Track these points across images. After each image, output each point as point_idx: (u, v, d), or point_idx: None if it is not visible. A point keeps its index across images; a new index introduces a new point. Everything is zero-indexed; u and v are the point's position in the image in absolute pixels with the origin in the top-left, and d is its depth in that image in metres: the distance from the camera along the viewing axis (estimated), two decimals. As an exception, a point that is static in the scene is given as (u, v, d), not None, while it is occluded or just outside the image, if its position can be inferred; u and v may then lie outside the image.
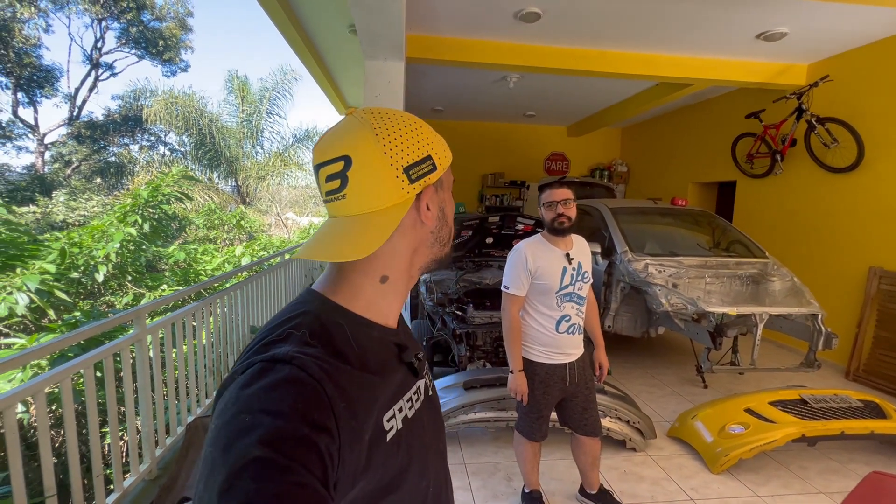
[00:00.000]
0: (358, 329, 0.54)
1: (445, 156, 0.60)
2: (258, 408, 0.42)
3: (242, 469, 0.38)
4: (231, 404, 0.43)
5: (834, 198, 4.34)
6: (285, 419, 0.41)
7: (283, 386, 0.43)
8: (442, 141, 0.60)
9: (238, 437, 0.40)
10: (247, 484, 0.37)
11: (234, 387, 0.45)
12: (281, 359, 0.46)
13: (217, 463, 0.40)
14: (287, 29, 3.99)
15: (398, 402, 0.56)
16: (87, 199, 12.57)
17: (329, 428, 0.43)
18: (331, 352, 0.49)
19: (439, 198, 0.60)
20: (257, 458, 0.38)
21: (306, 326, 0.51)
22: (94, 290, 4.72)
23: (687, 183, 6.54)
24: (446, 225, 0.62)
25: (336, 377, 0.47)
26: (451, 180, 0.63)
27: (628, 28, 3.86)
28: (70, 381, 1.76)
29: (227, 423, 0.42)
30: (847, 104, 4.18)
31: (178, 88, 12.70)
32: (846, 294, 4.17)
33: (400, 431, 0.54)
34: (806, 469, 2.57)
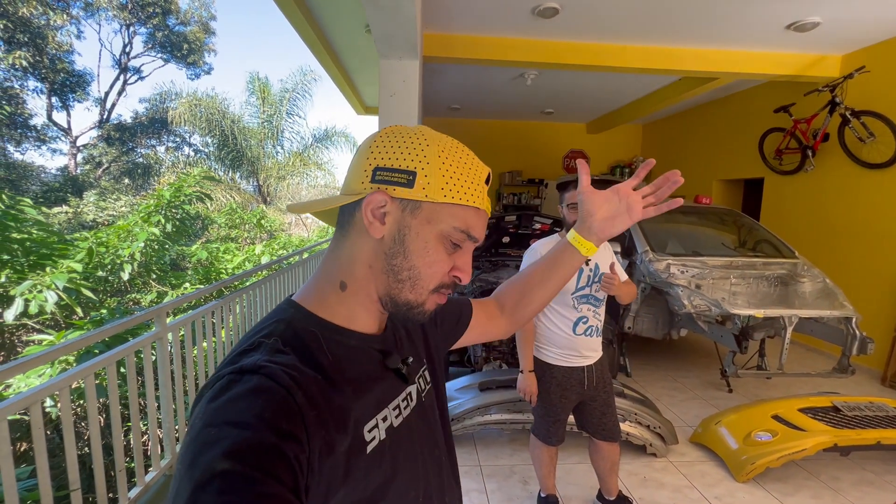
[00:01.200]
0: (332, 337, 0.53)
1: (441, 187, 0.52)
2: (223, 420, 0.41)
3: (207, 483, 0.37)
4: (198, 419, 0.42)
5: (869, 195, 4.13)
6: (251, 429, 0.40)
7: (250, 396, 0.43)
8: (455, 175, 0.53)
9: (203, 451, 0.39)
10: (211, 498, 0.37)
11: (202, 401, 0.44)
12: (248, 369, 0.45)
13: (183, 479, 0.39)
14: (304, 30, 4.03)
15: (382, 412, 0.54)
16: (116, 199, 13.01)
17: (297, 436, 0.42)
18: (303, 360, 0.49)
19: (404, 219, 0.53)
20: (223, 471, 0.38)
21: (278, 335, 0.50)
22: (121, 287, 4.87)
23: (711, 180, 6.34)
24: (403, 256, 0.53)
25: (306, 386, 0.46)
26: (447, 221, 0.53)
27: (650, 21, 3.75)
28: (94, 378, 1.81)
29: (194, 439, 0.41)
30: (884, 96, 3.97)
31: (201, 91, 13.06)
32: (882, 296, 3.97)
33: (383, 442, 0.53)
34: (838, 480, 2.46)
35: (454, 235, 0.54)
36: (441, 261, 0.54)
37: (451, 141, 0.56)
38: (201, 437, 0.41)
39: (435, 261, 0.54)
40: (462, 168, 0.54)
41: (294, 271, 4.49)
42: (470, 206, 0.54)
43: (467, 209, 0.54)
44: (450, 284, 0.55)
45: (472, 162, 0.56)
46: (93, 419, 1.80)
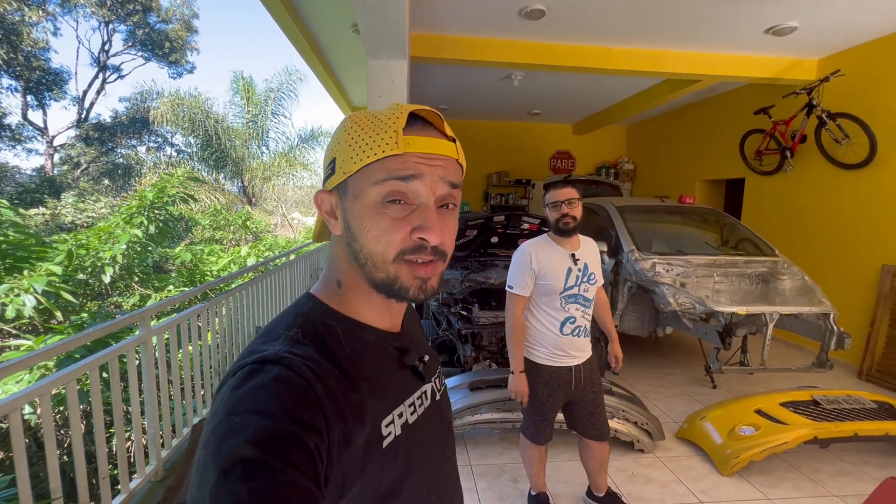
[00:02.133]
0: (350, 332, 0.54)
1: (351, 156, 0.51)
2: (246, 408, 0.42)
3: (232, 469, 0.38)
4: (221, 406, 0.43)
5: (845, 195, 4.26)
6: (274, 419, 0.41)
7: (272, 386, 0.44)
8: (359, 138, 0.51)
9: (227, 438, 0.40)
10: (236, 485, 0.38)
11: (225, 389, 0.45)
12: (270, 359, 0.46)
13: (208, 464, 0.40)
14: (290, 29, 3.99)
15: (398, 408, 0.55)
16: (96, 201, 12.69)
17: (318, 427, 0.43)
18: (321, 353, 0.49)
19: (343, 206, 0.53)
20: (247, 458, 0.39)
21: (298, 327, 0.52)
22: (102, 291, 4.76)
23: (694, 180, 6.47)
24: (354, 239, 0.52)
25: (325, 378, 0.47)
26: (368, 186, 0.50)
27: (634, 24, 3.81)
28: (76, 384, 1.76)
29: (218, 426, 0.42)
30: (859, 99, 4.10)
31: (184, 90, 12.75)
32: (858, 292, 4.09)
33: (398, 437, 0.53)
34: (818, 472, 2.53)
35: (383, 194, 0.50)
36: (385, 228, 0.50)
37: (367, 110, 0.54)
38: (225, 424, 0.42)
39: (380, 232, 0.50)
40: (367, 126, 0.51)
41: (281, 273, 4.44)
42: (384, 158, 0.50)
43: (383, 161, 0.50)
44: (416, 248, 0.51)
45: (384, 114, 0.51)
46: (75, 426, 1.76)
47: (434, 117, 0.53)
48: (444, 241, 0.52)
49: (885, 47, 3.93)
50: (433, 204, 0.52)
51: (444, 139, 0.53)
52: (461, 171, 0.55)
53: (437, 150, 0.52)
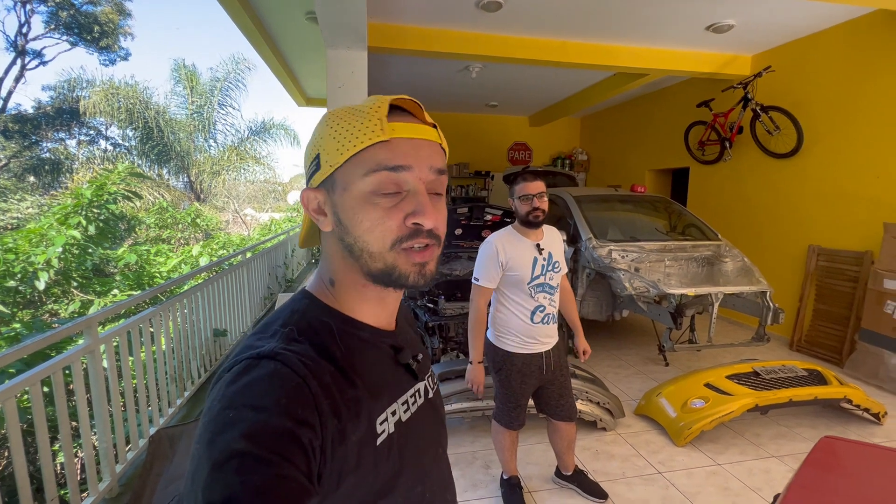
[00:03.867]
0: (346, 329, 0.54)
1: (336, 149, 0.50)
2: (241, 403, 0.42)
3: (226, 463, 0.39)
4: (216, 401, 0.44)
5: (777, 182, 4.63)
6: (268, 413, 0.42)
7: (267, 381, 0.44)
8: (343, 130, 0.50)
9: (222, 431, 0.41)
10: (230, 477, 0.38)
11: (220, 384, 0.45)
12: (266, 355, 0.46)
13: (202, 458, 0.40)
14: (239, 15, 3.79)
15: (392, 406, 0.55)
16: (20, 200, 11.58)
17: (312, 423, 0.44)
18: (317, 350, 0.50)
19: (331, 201, 0.53)
20: (240, 451, 0.39)
21: (294, 324, 0.52)
22: (35, 298, 4.36)
23: (644, 170, 6.79)
24: (347, 233, 0.52)
25: (320, 375, 0.47)
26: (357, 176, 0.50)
27: (587, 19, 3.93)
28: (14, 401, 1.62)
29: (212, 420, 0.42)
30: (787, 93, 4.45)
31: (118, 78, 11.84)
32: (789, 271, 4.48)
33: (392, 435, 0.53)
34: (759, 436, 2.77)
35: (373, 183, 0.50)
36: (378, 218, 0.50)
37: (350, 106, 0.54)
38: (220, 418, 0.42)
39: (373, 223, 0.50)
40: (350, 118, 0.51)
41: (237, 272, 4.26)
42: (370, 146, 0.50)
43: (370, 150, 0.50)
44: (412, 234, 0.51)
45: (365, 105, 0.52)
46: (16, 448, 1.62)
47: (413, 106, 0.53)
48: (437, 224, 0.52)
49: (810, 45, 4.28)
50: (425, 191, 0.52)
51: (425, 125, 0.54)
52: (445, 157, 0.56)
53: (422, 134, 0.52)
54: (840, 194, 4.03)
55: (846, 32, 3.96)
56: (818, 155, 4.21)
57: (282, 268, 6.50)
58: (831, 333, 4.02)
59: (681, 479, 2.37)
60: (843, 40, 3.98)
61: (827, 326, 4.07)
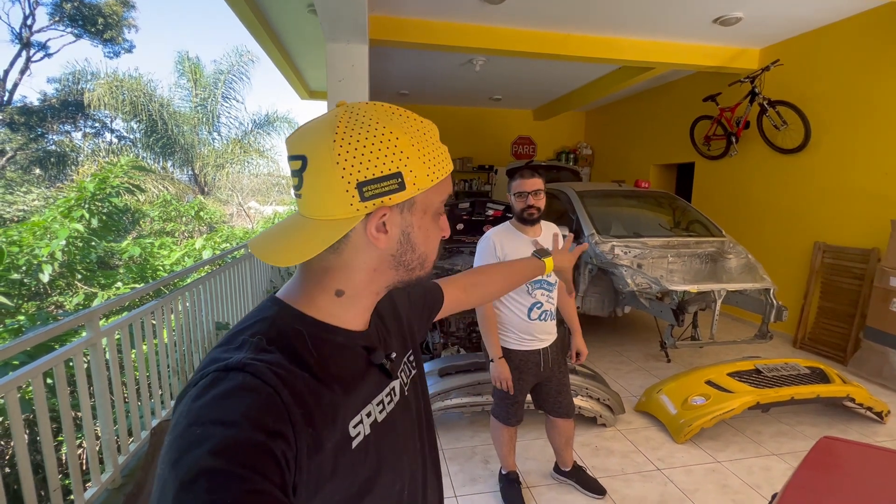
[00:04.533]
0: (318, 335, 0.53)
1: (427, 174, 0.51)
2: (209, 419, 0.40)
3: (193, 482, 0.37)
4: (182, 417, 0.42)
5: (783, 177, 4.58)
6: (238, 427, 0.40)
7: (236, 394, 0.42)
8: (429, 155, 0.52)
9: (189, 450, 0.39)
10: (198, 497, 0.36)
11: (186, 400, 0.43)
12: (234, 367, 0.44)
13: (168, 479, 0.38)
14: (241, 8, 3.76)
15: (367, 407, 0.55)
16: (26, 192, 11.66)
17: (285, 434, 0.42)
18: (289, 358, 0.48)
19: (404, 220, 0.52)
20: (209, 469, 0.37)
21: (263, 333, 0.50)
22: (40, 290, 4.40)
23: (649, 165, 6.73)
24: (412, 251, 0.54)
25: (293, 384, 0.46)
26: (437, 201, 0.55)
27: (591, 12, 3.88)
28: (16, 393, 1.64)
29: (178, 438, 0.40)
30: (795, 88, 4.38)
31: (122, 71, 11.85)
32: (794, 268, 4.44)
33: (368, 437, 0.53)
34: (760, 433, 2.76)
35: (441, 208, 0.57)
36: (438, 235, 0.58)
37: (407, 118, 0.53)
38: (186, 435, 0.40)
39: (435, 238, 0.57)
40: (430, 142, 0.53)
41: (240, 265, 4.27)
42: (447, 175, 0.56)
43: (447, 178, 0.56)
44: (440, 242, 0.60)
45: (431, 130, 0.55)
46: (19, 439, 1.64)
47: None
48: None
49: (819, 38, 4.20)
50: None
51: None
52: None
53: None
54: (847, 190, 3.98)
55: (856, 26, 3.89)
56: (826, 150, 4.15)
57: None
58: (835, 331, 3.99)
59: (680, 475, 2.37)
60: (854, 34, 3.91)
61: (831, 324, 4.04)
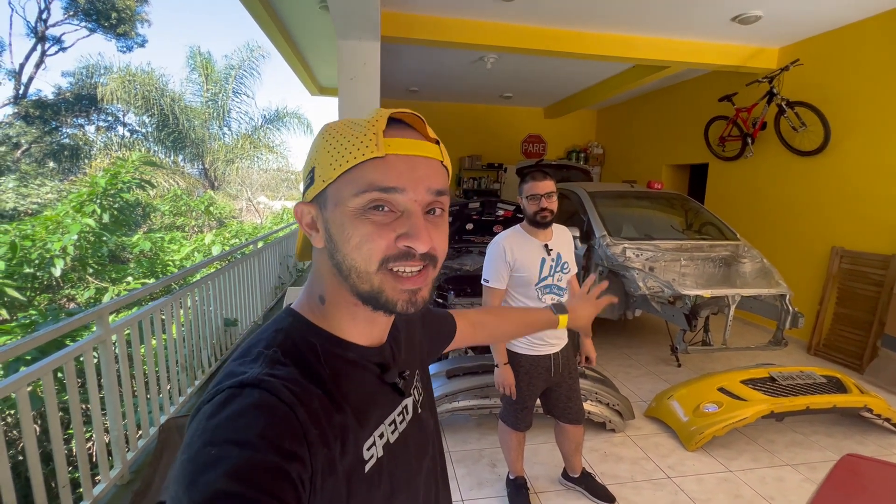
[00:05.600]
0: (331, 350, 0.51)
1: (330, 163, 0.48)
2: (224, 439, 0.39)
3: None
4: (197, 437, 0.40)
5: (800, 180, 4.48)
6: (254, 449, 0.39)
7: (251, 413, 0.41)
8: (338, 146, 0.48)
9: (204, 471, 0.38)
10: None
11: (200, 416, 0.42)
12: (249, 383, 0.43)
13: (182, 501, 0.37)
14: (252, 3, 3.75)
15: (379, 428, 0.53)
16: (40, 185, 11.80)
17: (301, 456, 0.41)
18: (303, 373, 0.47)
19: (323, 217, 0.50)
20: (225, 492, 0.36)
21: (278, 345, 0.49)
22: (52, 284, 4.45)
23: (661, 165, 6.63)
24: (337, 250, 0.49)
25: (308, 402, 0.44)
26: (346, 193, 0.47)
27: (605, 9, 3.80)
28: (26, 390, 1.64)
29: (193, 458, 0.39)
30: (815, 88, 4.27)
31: (135, 65, 11.95)
32: (810, 273, 4.35)
33: (381, 460, 0.51)
34: (773, 443, 2.70)
35: (364, 201, 0.47)
36: (367, 234, 0.47)
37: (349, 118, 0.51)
38: (201, 456, 0.39)
39: (361, 241, 0.47)
40: (346, 132, 0.48)
41: (249, 262, 4.28)
42: (363, 162, 0.47)
43: (363, 166, 0.47)
44: (401, 255, 0.48)
45: (360, 119, 0.49)
46: (28, 435, 1.64)
47: (416, 121, 0.50)
48: (433, 245, 0.49)
49: (840, 38, 4.09)
50: (421, 213, 0.49)
51: (426, 141, 0.50)
52: (446, 175, 0.53)
53: (420, 151, 0.49)
54: (867, 194, 3.88)
55: (880, 24, 3.77)
56: (845, 153, 4.04)
57: (293, 257, 6.54)
58: (852, 338, 3.90)
59: (691, 484, 2.32)
60: (877, 32, 3.79)
61: (848, 331, 3.95)
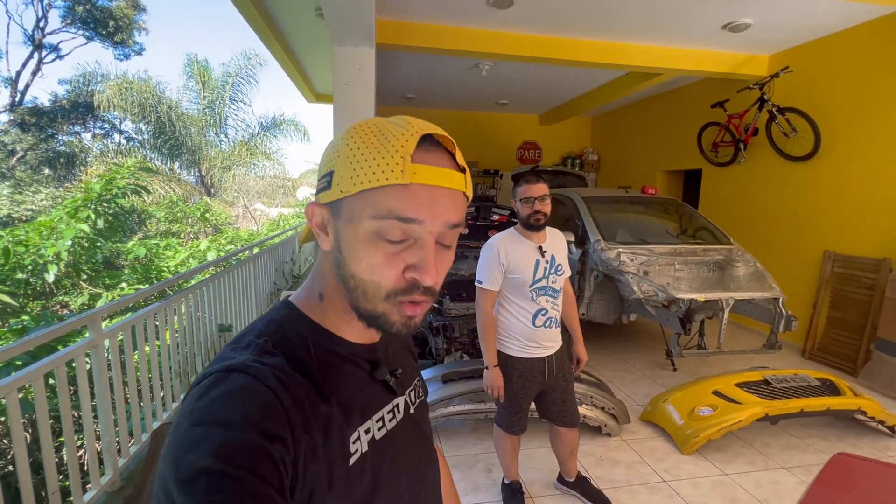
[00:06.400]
0: (322, 343, 0.52)
1: (351, 177, 0.45)
2: (210, 419, 0.41)
3: (194, 482, 0.37)
4: (185, 417, 0.42)
5: (792, 185, 4.52)
6: (238, 429, 0.40)
7: (237, 395, 0.42)
8: (363, 158, 0.45)
9: (189, 450, 0.39)
10: (198, 498, 0.37)
11: (189, 399, 0.44)
12: (236, 368, 0.44)
13: (168, 478, 0.38)
14: (248, 11, 3.78)
15: (365, 423, 0.53)
16: (35, 192, 11.77)
17: (283, 437, 0.42)
18: (291, 363, 0.48)
19: (336, 225, 0.49)
20: (209, 469, 0.38)
21: (269, 335, 0.50)
22: (45, 290, 4.41)
23: (655, 171, 6.69)
24: (344, 264, 0.48)
25: (293, 389, 0.45)
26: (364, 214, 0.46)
27: (600, 17, 3.86)
28: (17, 394, 1.63)
29: (180, 437, 0.41)
30: (805, 94, 4.33)
31: (132, 73, 11.99)
32: (803, 277, 4.38)
33: (365, 454, 0.51)
34: (768, 446, 2.70)
35: (380, 228, 0.45)
36: (378, 264, 0.46)
37: (375, 120, 0.48)
38: (188, 436, 0.40)
39: (372, 265, 0.46)
40: (372, 144, 0.45)
41: (244, 267, 4.27)
42: (386, 186, 0.44)
43: (385, 190, 0.44)
44: (408, 289, 0.47)
45: (389, 131, 0.46)
46: (18, 441, 1.63)
47: (448, 143, 0.48)
48: (437, 281, 0.48)
49: (830, 45, 4.16)
50: (433, 246, 0.47)
51: (454, 170, 0.48)
52: (466, 205, 0.51)
53: (445, 182, 0.46)
54: (858, 199, 3.92)
55: (867, 32, 3.84)
56: (836, 158, 4.09)
57: (289, 264, 6.52)
58: (845, 342, 3.92)
59: (686, 488, 2.32)
60: (865, 40, 3.86)
61: (841, 335, 3.97)
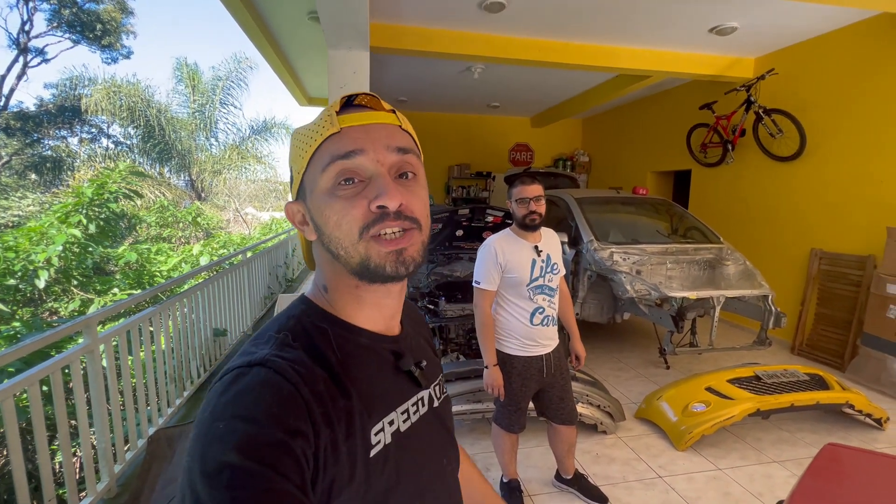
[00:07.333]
0: (343, 334, 0.53)
1: (301, 156, 0.52)
2: (232, 414, 0.42)
3: (217, 476, 0.38)
4: (207, 412, 0.43)
5: (779, 185, 4.62)
6: (259, 425, 0.41)
7: (258, 390, 0.43)
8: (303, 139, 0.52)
9: (212, 444, 0.40)
10: (221, 493, 0.38)
11: (211, 394, 0.45)
12: (257, 363, 0.45)
13: (193, 472, 0.40)
14: (241, 14, 3.78)
15: (389, 415, 0.53)
16: (22, 198, 11.59)
17: (305, 432, 0.43)
18: (311, 356, 0.49)
19: (308, 208, 0.53)
20: (231, 464, 0.39)
21: (288, 329, 0.51)
22: (35, 296, 4.35)
23: (646, 172, 6.78)
24: (323, 234, 0.51)
25: (313, 382, 0.46)
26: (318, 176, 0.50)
27: (590, 20, 3.92)
28: (12, 401, 1.61)
29: (203, 432, 0.42)
30: (791, 96, 4.43)
31: (120, 77, 11.87)
32: (791, 275, 4.47)
33: (388, 446, 0.51)
34: (760, 440, 2.75)
35: (331, 177, 0.49)
36: (342, 209, 0.49)
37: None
38: (210, 430, 0.41)
39: (339, 217, 0.49)
40: (306, 126, 0.53)
41: (238, 271, 4.25)
42: (324, 143, 0.50)
43: (324, 146, 0.50)
44: (376, 219, 0.49)
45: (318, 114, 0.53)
46: (14, 448, 1.61)
47: (371, 100, 0.53)
48: (406, 204, 0.50)
49: (814, 48, 4.26)
50: (386, 173, 0.50)
51: (380, 111, 0.53)
52: (409, 137, 0.54)
53: (374, 119, 0.51)
54: (843, 198, 4.02)
55: (850, 35, 3.94)
56: (821, 158, 4.19)
57: (282, 267, 6.49)
58: (833, 338, 4.00)
59: (681, 483, 2.36)
60: (848, 43, 3.97)
61: (829, 331, 4.05)
